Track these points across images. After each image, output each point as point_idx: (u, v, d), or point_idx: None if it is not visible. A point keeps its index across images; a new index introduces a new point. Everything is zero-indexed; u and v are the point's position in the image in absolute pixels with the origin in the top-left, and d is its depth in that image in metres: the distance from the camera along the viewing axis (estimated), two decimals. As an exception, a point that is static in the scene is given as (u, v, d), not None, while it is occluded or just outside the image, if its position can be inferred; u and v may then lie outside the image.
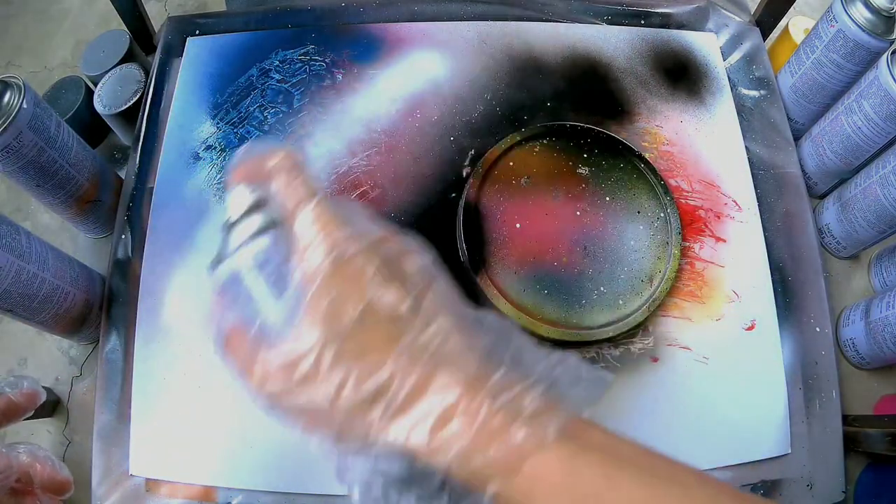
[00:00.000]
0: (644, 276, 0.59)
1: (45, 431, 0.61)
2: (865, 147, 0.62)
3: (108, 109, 0.69)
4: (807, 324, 0.60)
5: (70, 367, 0.64)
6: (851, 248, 0.67)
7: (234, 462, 0.54)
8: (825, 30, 0.63)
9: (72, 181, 0.60)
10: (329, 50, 0.71)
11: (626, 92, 0.69)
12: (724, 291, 0.60)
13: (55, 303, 0.56)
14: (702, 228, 0.63)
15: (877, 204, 0.60)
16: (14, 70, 0.83)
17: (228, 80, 0.69)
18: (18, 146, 0.54)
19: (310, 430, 0.30)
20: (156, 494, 0.54)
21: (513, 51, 0.71)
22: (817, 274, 0.62)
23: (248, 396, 0.31)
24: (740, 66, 0.73)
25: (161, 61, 0.71)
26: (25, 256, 0.52)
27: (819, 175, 0.69)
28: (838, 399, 0.58)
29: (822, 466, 0.56)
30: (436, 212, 0.62)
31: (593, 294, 0.59)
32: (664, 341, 0.58)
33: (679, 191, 0.64)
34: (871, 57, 0.61)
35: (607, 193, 0.63)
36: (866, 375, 0.64)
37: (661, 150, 0.66)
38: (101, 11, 0.86)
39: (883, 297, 0.59)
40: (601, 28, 0.73)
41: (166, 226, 0.62)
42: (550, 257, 0.59)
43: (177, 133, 0.67)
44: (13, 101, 0.53)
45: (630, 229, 0.61)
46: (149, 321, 0.59)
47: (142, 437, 0.55)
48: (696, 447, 0.55)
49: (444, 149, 0.66)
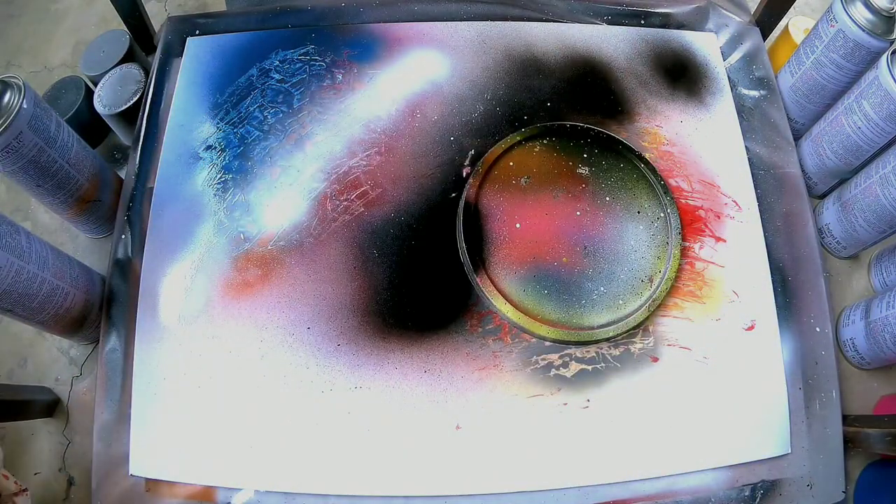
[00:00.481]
0: (644, 276, 0.59)
1: (45, 431, 0.61)
2: (865, 147, 0.62)
3: (108, 109, 0.69)
4: (807, 324, 0.60)
5: (70, 367, 0.64)
6: (851, 248, 0.67)
7: (233, 462, 0.54)
8: (825, 30, 0.63)
9: (72, 181, 0.60)
10: (329, 50, 0.71)
11: (626, 92, 0.69)
12: (724, 291, 0.60)
13: (55, 303, 0.56)
14: (702, 228, 0.63)
15: (877, 204, 0.60)
16: (14, 70, 0.83)
17: (228, 80, 0.69)
18: (18, 146, 0.54)
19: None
20: (156, 494, 0.54)
21: (513, 51, 0.71)
22: (817, 274, 0.62)
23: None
24: (740, 66, 0.73)
25: (161, 61, 0.71)
26: (25, 256, 0.52)
27: (819, 175, 0.69)
28: (838, 399, 0.58)
29: (822, 466, 0.56)
30: (436, 212, 0.62)
31: (593, 294, 0.59)
32: (664, 341, 0.58)
33: (679, 191, 0.64)
34: (871, 57, 0.61)
35: (607, 193, 0.63)
36: (866, 375, 0.64)
37: (661, 150, 0.66)
38: (101, 11, 0.86)
39: (883, 297, 0.59)
40: (601, 28, 0.73)
41: (166, 226, 0.62)
42: (550, 257, 0.59)
43: (177, 133, 0.67)
44: (13, 101, 0.53)
45: (630, 229, 0.61)
46: (149, 321, 0.59)
47: (142, 437, 0.55)
48: (696, 447, 0.55)
49: (444, 149, 0.66)
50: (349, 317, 0.58)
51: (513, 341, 0.57)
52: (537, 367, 0.56)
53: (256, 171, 0.64)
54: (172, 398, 0.56)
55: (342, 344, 0.57)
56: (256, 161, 0.65)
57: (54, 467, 0.60)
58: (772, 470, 0.55)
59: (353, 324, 0.58)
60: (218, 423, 0.55)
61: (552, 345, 0.57)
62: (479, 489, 0.53)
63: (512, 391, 0.56)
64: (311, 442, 0.54)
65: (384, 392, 0.55)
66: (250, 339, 0.57)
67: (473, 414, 0.55)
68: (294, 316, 0.58)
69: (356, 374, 0.56)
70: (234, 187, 0.64)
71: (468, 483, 0.53)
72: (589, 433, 0.55)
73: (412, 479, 0.53)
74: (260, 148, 0.65)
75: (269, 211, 0.63)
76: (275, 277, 0.60)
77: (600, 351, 0.57)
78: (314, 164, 0.65)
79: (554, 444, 0.54)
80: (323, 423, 0.55)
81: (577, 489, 0.54)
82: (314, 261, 0.60)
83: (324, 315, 0.58)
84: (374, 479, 0.53)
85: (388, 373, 0.56)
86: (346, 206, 0.62)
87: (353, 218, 0.62)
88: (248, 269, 0.60)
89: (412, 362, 0.56)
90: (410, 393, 0.55)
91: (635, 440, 0.54)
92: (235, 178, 0.64)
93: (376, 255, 0.60)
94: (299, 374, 0.56)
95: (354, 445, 0.54)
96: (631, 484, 0.54)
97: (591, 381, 0.56)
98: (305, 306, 0.58)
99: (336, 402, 0.55)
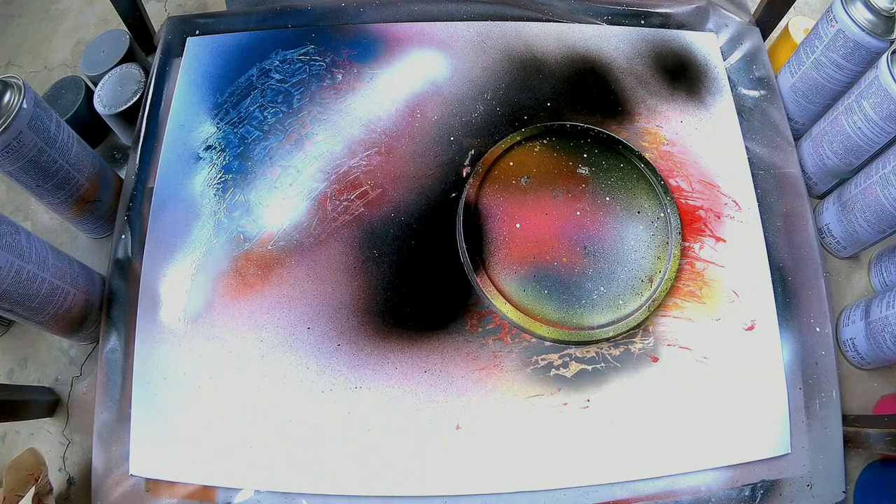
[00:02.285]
0: (644, 276, 0.59)
1: (45, 431, 0.61)
2: (865, 147, 0.62)
3: (108, 109, 0.69)
4: (807, 324, 0.60)
5: (70, 367, 0.64)
6: (851, 248, 0.67)
7: (233, 462, 0.54)
8: (825, 30, 0.63)
9: (72, 181, 0.60)
10: (329, 50, 0.71)
11: (626, 92, 0.69)
12: (724, 291, 0.60)
13: (55, 303, 0.56)
14: (702, 228, 0.63)
15: (877, 204, 0.60)
16: (14, 70, 0.83)
17: (228, 80, 0.69)
18: (18, 146, 0.54)
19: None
20: (156, 494, 0.54)
21: (513, 51, 0.71)
22: (817, 274, 0.62)
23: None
24: (740, 66, 0.73)
25: (161, 61, 0.71)
26: (25, 256, 0.52)
27: (819, 175, 0.69)
28: (838, 399, 0.58)
29: (822, 466, 0.56)
30: (436, 212, 0.62)
31: (593, 294, 0.59)
32: (664, 341, 0.58)
33: (679, 191, 0.64)
34: (871, 57, 0.61)
35: (607, 193, 0.63)
36: (866, 375, 0.64)
37: (661, 150, 0.66)
38: (101, 11, 0.86)
39: (883, 297, 0.59)
40: (601, 28, 0.73)
41: (166, 226, 0.62)
42: (550, 257, 0.59)
43: (177, 133, 0.67)
44: (13, 101, 0.53)
45: (630, 229, 0.61)
46: (149, 321, 0.59)
47: (142, 437, 0.55)
48: (696, 447, 0.55)
49: (444, 149, 0.66)
50: (349, 317, 0.58)
51: (513, 341, 0.57)
52: (537, 367, 0.56)
53: (256, 171, 0.64)
54: (172, 398, 0.56)
55: (342, 344, 0.57)
56: (256, 161, 0.65)
57: (54, 467, 0.60)
58: (772, 470, 0.55)
59: (353, 324, 0.58)
60: (218, 423, 0.55)
61: (552, 345, 0.57)
62: (479, 489, 0.53)
63: (512, 391, 0.56)
64: (312, 442, 0.54)
65: (384, 392, 0.55)
66: (250, 339, 0.57)
67: (473, 414, 0.55)
68: (294, 316, 0.58)
69: (356, 374, 0.56)
70: (234, 187, 0.64)
71: (468, 483, 0.53)
72: (589, 433, 0.55)
73: (412, 479, 0.53)
74: (260, 148, 0.66)
75: (269, 211, 0.63)
76: (275, 277, 0.60)
77: (600, 351, 0.57)
78: (314, 164, 0.65)
79: (554, 444, 0.54)
80: (323, 423, 0.55)
81: (577, 489, 0.54)
82: (314, 261, 0.60)
83: (324, 315, 0.58)
84: (374, 479, 0.53)
85: (388, 373, 0.56)
86: (347, 206, 0.62)
87: (353, 218, 0.62)
88: (248, 269, 0.60)
89: (412, 362, 0.56)
90: (410, 393, 0.55)
91: (635, 440, 0.54)
92: (235, 178, 0.64)
93: (376, 255, 0.60)
94: (299, 374, 0.56)
95: (354, 445, 0.54)
96: (631, 484, 0.54)
97: (591, 381, 0.56)
98: (305, 306, 0.58)
99: (336, 402, 0.55)
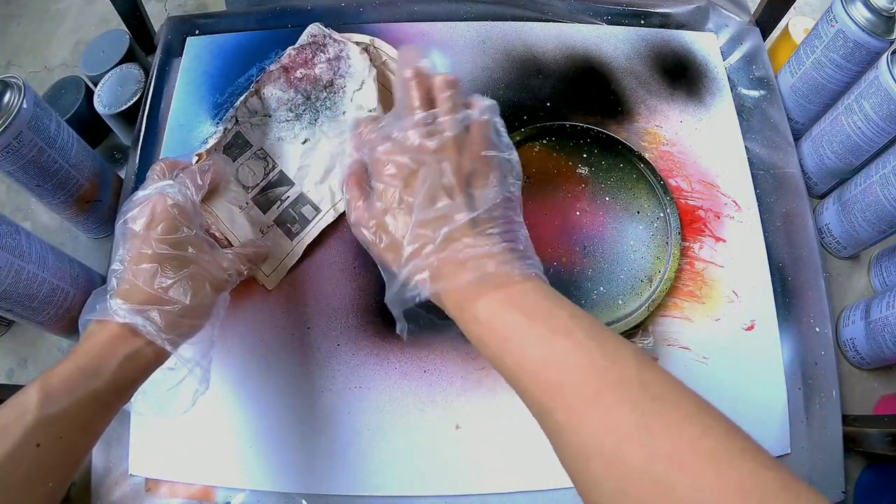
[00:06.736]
0: (644, 276, 0.59)
1: (45, 431, 0.61)
2: (865, 147, 0.62)
3: (108, 109, 0.69)
4: (807, 324, 0.60)
5: (70, 367, 0.64)
6: (851, 248, 0.67)
7: (233, 462, 0.54)
8: (825, 30, 0.63)
9: (72, 181, 0.60)
10: (329, 50, 0.71)
11: (626, 92, 0.69)
12: (723, 291, 0.60)
13: (55, 303, 0.56)
14: (701, 228, 0.63)
15: (877, 204, 0.60)
16: (14, 70, 0.83)
17: (228, 80, 0.68)
18: (18, 146, 0.54)
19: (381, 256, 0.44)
20: (156, 494, 0.54)
21: (513, 51, 0.71)
22: (817, 274, 0.62)
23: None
24: (740, 66, 0.73)
25: (161, 61, 0.71)
26: (25, 256, 0.52)
27: (819, 175, 0.69)
28: (838, 399, 0.58)
29: (822, 466, 0.56)
30: (436, 212, 0.62)
31: (593, 294, 0.59)
32: (664, 341, 0.58)
33: (679, 191, 0.64)
34: (871, 57, 0.61)
35: (607, 193, 0.63)
36: (866, 375, 0.64)
37: (661, 150, 0.66)
38: (101, 11, 0.86)
39: (883, 297, 0.59)
40: (601, 28, 0.73)
41: (166, 226, 0.62)
42: (550, 257, 0.59)
43: (177, 133, 0.67)
44: (13, 101, 0.53)
45: (630, 229, 0.61)
46: (149, 321, 0.58)
47: (142, 437, 0.55)
48: (695, 447, 0.55)
49: (443, 149, 0.65)
50: (349, 317, 0.58)
51: (513, 341, 0.57)
52: (537, 367, 0.56)
53: (256, 171, 0.64)
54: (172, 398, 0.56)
55: (342, 344, 0.57)
56: (256, 161, 0.65)
57: (54, 467, 0.60)
58: (772, 470, 0.55)
59: (353, 324, 0.58)
60: (218, 423, 0.55)
61: (552, 345, 0.57)
62: (479, 489, 0.53)
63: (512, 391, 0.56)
64: (311, 442, 0.54)
65: (384, 392, 0.55)
66: (250, 339, 0.57)
67: (473, 414, 0.55)
68: (294, 316, 0.58)
69: (356, 373, 0.56)
70: (234, 187, 0.63)
71: (468, 483, 0.53)
72: (589, 433, 0.55)
73: (412, 479, 0.53)
74: (260, 148, 0.65)
75: (268, 211, 0.62)
76: (275, 277, 0.59)
77: (600, 351, 0.57)
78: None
79: (554, 444, 0.54)
80: (322, 423, 0.55)
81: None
82: (314, 260, 0.60)
83: (324, 315, 0.58)
84: (373, 479, 0.53)
85: (387, 373, 0.56)
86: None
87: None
88: (248, 269, 0.60)
89: (412, 362, 0.56)
90: (410, 393, 0.55)
91: (635, 440, 0.54)
92: (235, 178, 0.64)
93: (376, 255, 0.60)
94: (299, 374, 0.56)
95: (354, 445, 0.54)
96: (631, 484, 0.54)
97: (591, 381, 0.56)
98: (305, 306, 0.58)
99: (336, 402, 0.55)
